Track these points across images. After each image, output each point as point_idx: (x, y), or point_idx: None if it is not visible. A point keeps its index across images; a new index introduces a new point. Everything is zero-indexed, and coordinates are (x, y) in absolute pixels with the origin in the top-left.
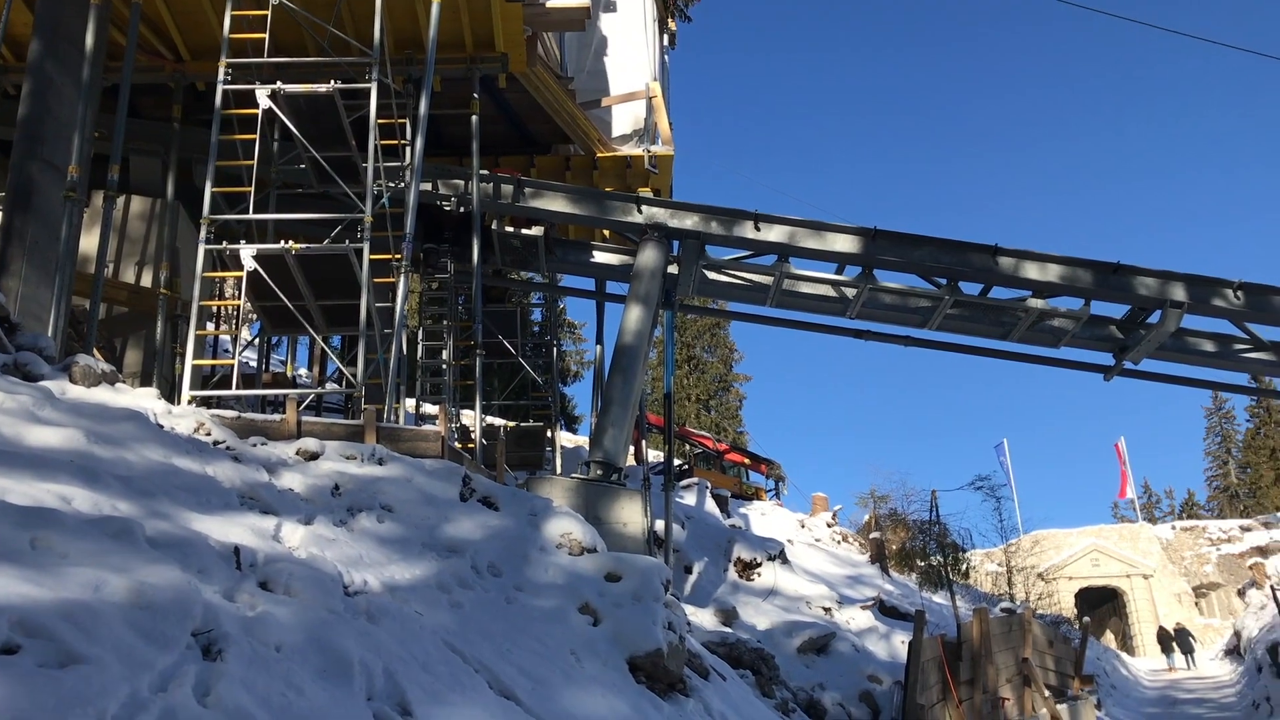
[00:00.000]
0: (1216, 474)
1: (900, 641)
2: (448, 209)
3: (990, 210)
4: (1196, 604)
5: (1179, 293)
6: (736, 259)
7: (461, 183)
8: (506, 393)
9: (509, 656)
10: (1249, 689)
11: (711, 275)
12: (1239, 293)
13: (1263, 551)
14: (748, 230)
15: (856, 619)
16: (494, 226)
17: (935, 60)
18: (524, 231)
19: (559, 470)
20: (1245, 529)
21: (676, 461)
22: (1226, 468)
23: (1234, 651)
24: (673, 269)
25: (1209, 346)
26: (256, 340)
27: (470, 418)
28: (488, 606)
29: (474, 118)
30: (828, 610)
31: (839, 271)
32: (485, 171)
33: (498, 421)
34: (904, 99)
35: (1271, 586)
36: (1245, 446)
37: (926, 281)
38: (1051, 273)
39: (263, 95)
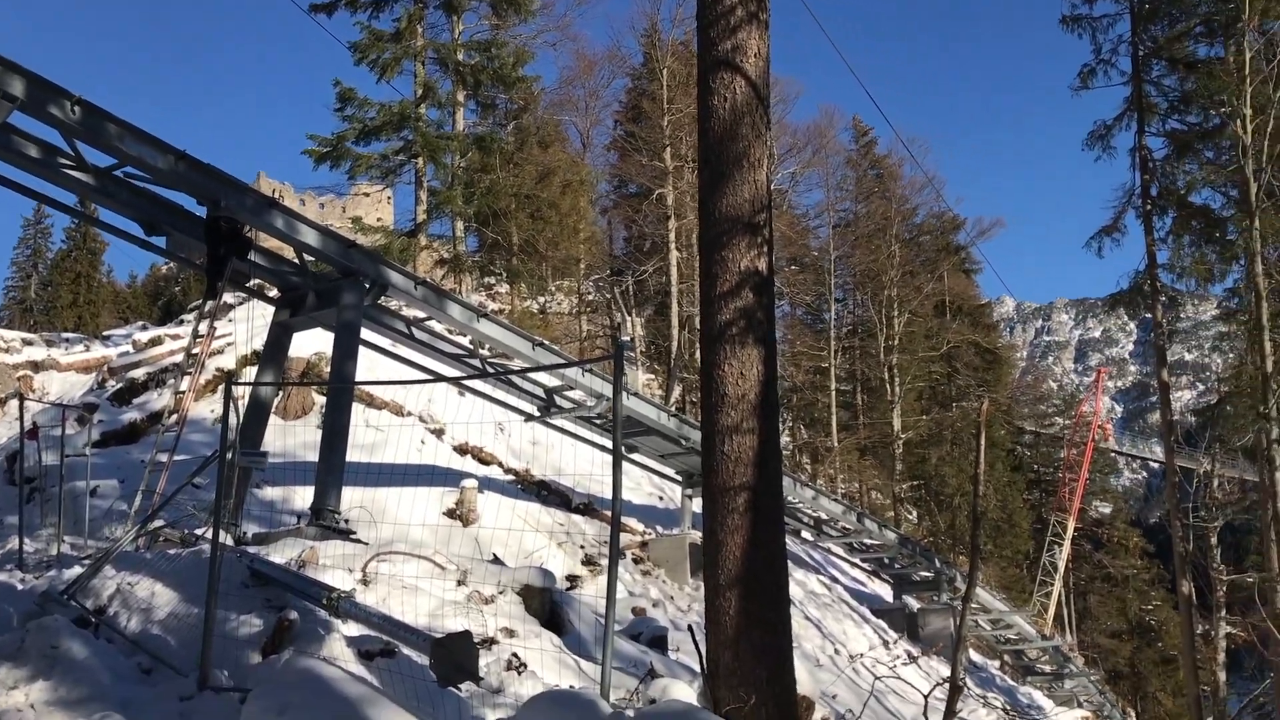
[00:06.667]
0: (18, 285)
1: None
2: None
3: None
4: None
5: (18, 87)
6: None
7: None
8: None
9: None
10: None
11: None
12: (77, 108)
13: (36, 366)
14: None
15: None
16: None
17: None
18: None
19: None
20: (27, 342)
21: None
22: (30, 281)
23: None
24: None
25: (35, 153)
26: None
27: None
28: None
29: None
30: None
31: None
32: None
33: None
34: None
35: (26, 400)
36: (54, 266)
37: None
38: None
39: None
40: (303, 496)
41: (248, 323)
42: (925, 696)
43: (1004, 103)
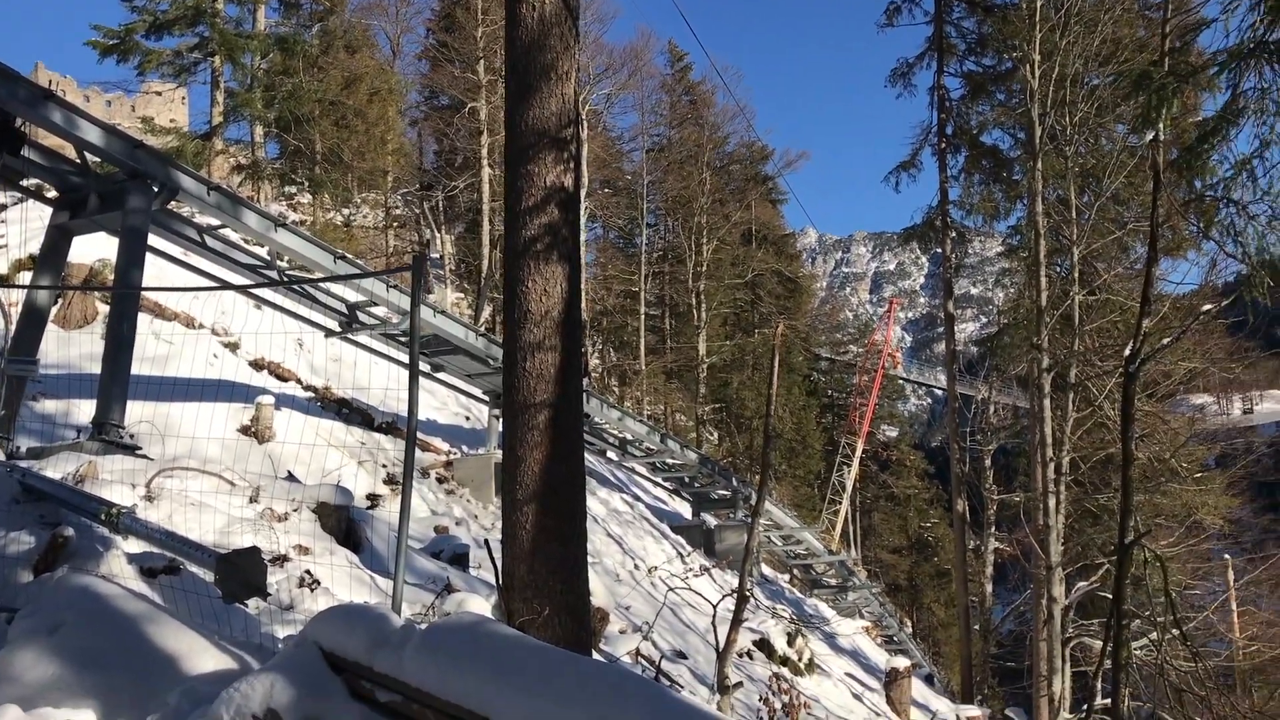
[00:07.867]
0: None
1: None
2: None
3: None
4: None
5: None
6: None
7: None
8: None
9: None
10: None
11: None
12: None
13: None
14: None
15: None
16: None
17: None
18: None
19: None
20: None
21: None
22: None
23: None
24: None
25: None
26: None
27: None
28: None
29: None
30: None
31: None
32: None
33: None
34: None
35: None
36: None
37: None
38: None
39: None
40: (85, 410)
41: (22, 224)
42: (714, 606)
43: (813, 37)
